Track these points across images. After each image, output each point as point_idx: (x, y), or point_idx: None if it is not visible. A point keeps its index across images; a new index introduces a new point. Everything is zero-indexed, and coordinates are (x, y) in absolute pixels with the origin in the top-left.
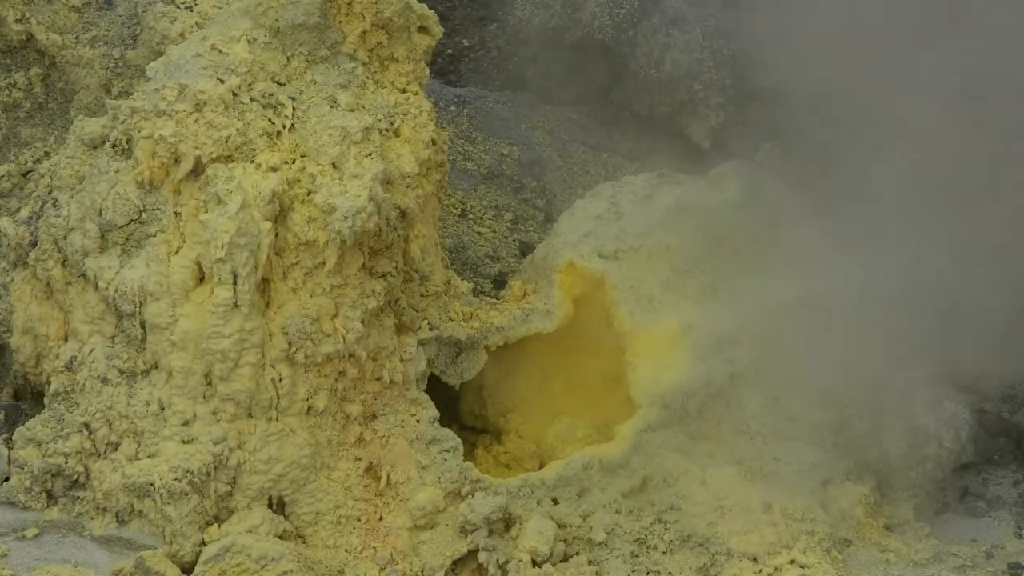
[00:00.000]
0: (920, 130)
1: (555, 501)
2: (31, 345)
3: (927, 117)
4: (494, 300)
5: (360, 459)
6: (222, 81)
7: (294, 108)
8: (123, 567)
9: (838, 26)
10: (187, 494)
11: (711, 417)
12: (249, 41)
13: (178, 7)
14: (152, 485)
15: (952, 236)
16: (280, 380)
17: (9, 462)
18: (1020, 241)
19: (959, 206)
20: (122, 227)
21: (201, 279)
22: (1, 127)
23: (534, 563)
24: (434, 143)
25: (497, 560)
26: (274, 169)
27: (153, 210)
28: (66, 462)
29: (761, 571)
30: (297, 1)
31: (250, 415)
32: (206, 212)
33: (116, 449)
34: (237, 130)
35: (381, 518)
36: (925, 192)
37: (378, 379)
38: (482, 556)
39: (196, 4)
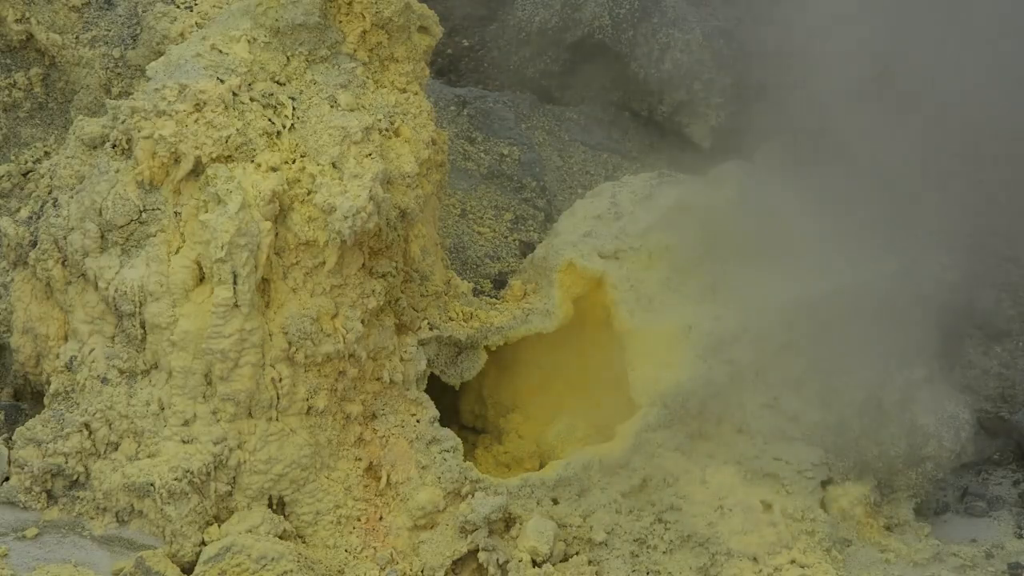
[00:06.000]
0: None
1: (555, 501)
2: (31, 345)
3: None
4: (494, 300)
5: (360, 459)
6: (222, 81)
7: (294, 108)
8: (123, 567)
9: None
10: (187, 494)
11: (711, 417)
12: (249, 41)
13: (178, 7)
14: (152, 485)
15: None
16: (280, 380)
17: (9, 462)
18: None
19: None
20: (122, 227)
21: (201, 279)
22: (1, 127)
23: (534, 563)
24: (434, 143)
25: (497, 560)
26: (274, 169)
27: (153, 210)
28: (66, 462)
29: (761, 571)
30: (297, 1)
31: (250, 415)
32: (206, 212)
33: (116, 449)
34: (237, 130)
35: (381, 518)
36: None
37: (378, 379)
38: (482, 556)
39: (196, 4)
